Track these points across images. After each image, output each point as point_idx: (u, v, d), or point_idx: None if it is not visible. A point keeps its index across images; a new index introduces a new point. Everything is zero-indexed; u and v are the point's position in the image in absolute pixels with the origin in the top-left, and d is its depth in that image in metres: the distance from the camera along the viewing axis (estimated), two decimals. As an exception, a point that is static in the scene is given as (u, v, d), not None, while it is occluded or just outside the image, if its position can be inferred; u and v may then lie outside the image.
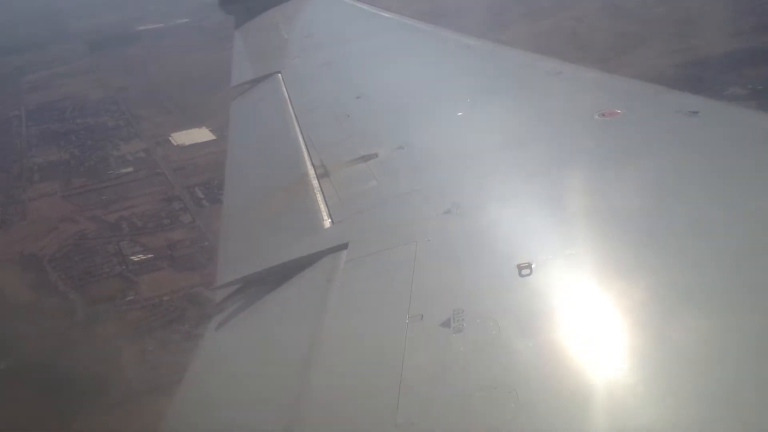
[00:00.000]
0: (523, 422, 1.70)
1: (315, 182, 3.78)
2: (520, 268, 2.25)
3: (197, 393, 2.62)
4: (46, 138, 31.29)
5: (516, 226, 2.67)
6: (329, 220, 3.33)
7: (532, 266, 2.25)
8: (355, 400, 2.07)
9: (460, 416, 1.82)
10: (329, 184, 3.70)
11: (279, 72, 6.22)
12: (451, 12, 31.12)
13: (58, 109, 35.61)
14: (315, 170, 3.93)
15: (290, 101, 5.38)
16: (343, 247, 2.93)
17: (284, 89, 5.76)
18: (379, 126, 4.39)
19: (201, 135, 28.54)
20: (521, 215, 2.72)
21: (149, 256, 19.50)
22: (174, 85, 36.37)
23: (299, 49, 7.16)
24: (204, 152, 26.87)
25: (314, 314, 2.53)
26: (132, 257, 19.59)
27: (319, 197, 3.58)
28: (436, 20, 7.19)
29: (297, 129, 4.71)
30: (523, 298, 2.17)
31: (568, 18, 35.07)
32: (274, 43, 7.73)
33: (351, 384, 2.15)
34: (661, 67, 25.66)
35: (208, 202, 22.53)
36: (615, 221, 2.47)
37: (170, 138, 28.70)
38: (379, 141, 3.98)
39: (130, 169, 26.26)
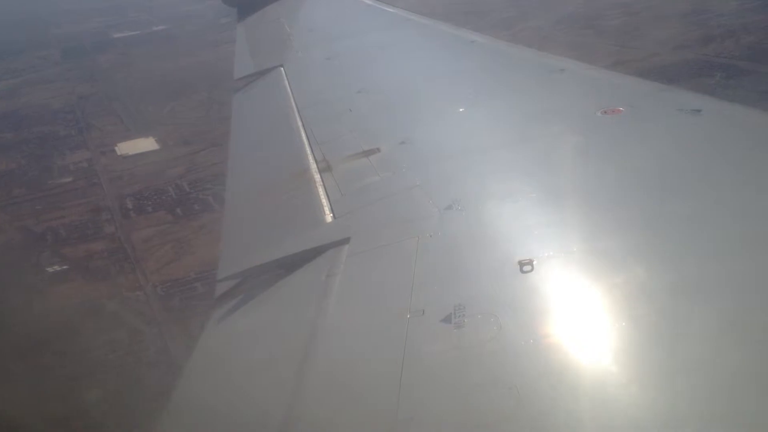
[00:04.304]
0: (523, 418, 1.70)
1: (317, 176, 3.78)
2: (521, 264, 2.25)
3: (197, 386, 2.59)
4: (-3, 147, 31.55)
5: (517, 223, 2.68)
6: (331, 215, 3.33)
7: (534, 263, 2.25)
8: (355, 395, 2.07)
9: (460, 412, 1.81)
10: (331, 178, 3.69)
11: (281, 66, 6.27)
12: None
13: (17, 118, 35.72)
14: (317, 164, 3.93)
15: (292, 95, 5.42)
16: (345, 241, 2.93)
17: (286, 83, 5.80)
18: (381, 121, 4.41)
19: (146, 145, 28.70)
20: (522, 212, 2.72)
21: (64, 267, 19.64)
22: (133, 94, 36.60)
23: (302, 43, 7.25)
24: (144, 162, 27.04)
25: (316, 308, 2.53)
26: (47, 268, 19.73)
27: (321, 191, 3.59)
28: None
29: (299, 123, 4.73)
30: (525, 295, 2.17)
31: (525, 29, 35.14)
32: (277, 37, 7.80)
33: (352, 378, 2.15)
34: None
35: (135, 213, 22.67)
36: (616, 218, 2.49)
37: (116, 148, 28.87)
38: (382, 136, 3.99)
39: (69, 179, 26.40)
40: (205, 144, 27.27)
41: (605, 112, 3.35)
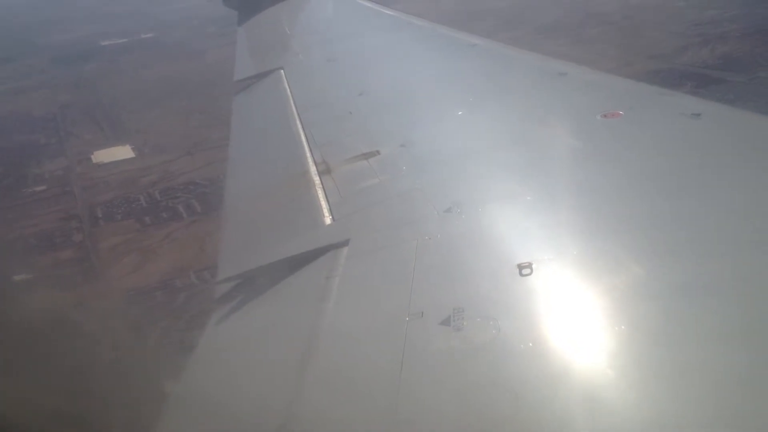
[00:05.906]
0: (522, 422, 1.71)
1: (316, 179, 3.81)
2: (520, 267, 2.27)
3: (196, 387, 2.60)
4: (-25, 156, 31.54)
5: (517, 226, 2.70)
6: (330, 217, 3.35)
7: (533, 266, 2.26)
8: (353, 397, 2.07)
9: (458, 415, 1.82)
10: (331, 180, 3.72)
11: (281, 68, 6.30)
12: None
13: (-2, 126, 35.97)
14: (317, 167, 3.96)
15: (292, 97, 5.45)
16: (344, 243, 2.95)
17: (286, 85, 5.84)
18: (381, 123, 4.43)
19: (122, 153, 28.74)
20: (522, 215, 2.75)
21: (30, 276, 19.61)
22: (115, 103, 36.69)
23: (302, 45, 7.29)
24: (119, 170, 27.06)
25: (314, 310, 2.55)
26: (14, 277, 19.69)
27: (321, 194, 3.62)
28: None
29: (299, 125, 4.76)
30: (524, 298, 2.18)
31: (503, 39, 35.30)
32: (277, 40, 7.84)
33: (350, 381, 2.16)
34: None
35: (105, 221, 22.67)
36: (616, 222, 2.49)
37: (92, 156, 28.91)
38: (381, 138, 4.00)
39: (43, 188, 26.41)
40: (180, 153, 27.35)
41: (605, 116, 3.36)
